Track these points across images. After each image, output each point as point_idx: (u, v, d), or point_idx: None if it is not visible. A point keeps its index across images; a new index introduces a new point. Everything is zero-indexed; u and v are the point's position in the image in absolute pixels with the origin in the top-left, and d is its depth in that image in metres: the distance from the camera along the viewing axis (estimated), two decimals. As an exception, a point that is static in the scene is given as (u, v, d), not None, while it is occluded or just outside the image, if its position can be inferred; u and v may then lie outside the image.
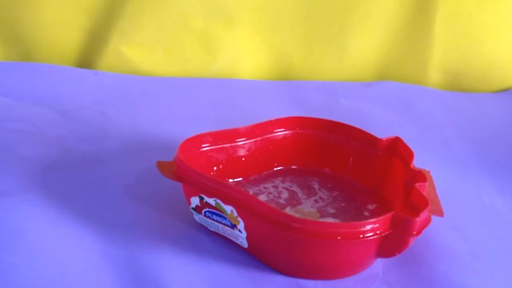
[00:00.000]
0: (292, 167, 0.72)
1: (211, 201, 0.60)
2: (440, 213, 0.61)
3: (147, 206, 0.66)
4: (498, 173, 0.77)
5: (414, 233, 0.56)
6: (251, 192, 0.67)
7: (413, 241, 0.57)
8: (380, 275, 0.60)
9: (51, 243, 0.60)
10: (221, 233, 0.61)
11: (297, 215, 0.64)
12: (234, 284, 0.58)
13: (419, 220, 0.56)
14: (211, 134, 0.67)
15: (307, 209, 0.66)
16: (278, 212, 0.57)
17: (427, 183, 0.62)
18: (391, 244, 0.57)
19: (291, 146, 0.71)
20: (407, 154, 0.65)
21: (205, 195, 0.60)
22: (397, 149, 0.67)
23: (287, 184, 0.69)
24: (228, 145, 0.68)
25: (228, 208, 0.59)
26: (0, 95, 0.83)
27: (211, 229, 0.62)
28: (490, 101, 0.95)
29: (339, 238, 0.56)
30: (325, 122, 0.71)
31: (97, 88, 0.88)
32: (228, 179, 0.68)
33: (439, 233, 0.64)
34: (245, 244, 0.60)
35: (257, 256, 0.60)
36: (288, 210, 0.65)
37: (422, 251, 0.62)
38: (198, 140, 0.67)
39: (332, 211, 0.66)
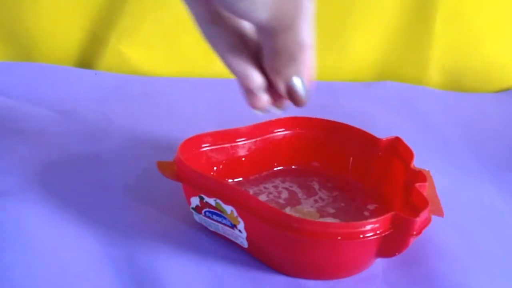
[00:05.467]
0: (292, 167, 0.72)
1: (211, 201, 0.60)
2: (440, 213, 0.62)
3: (147, 206, 0.66)
4: (498, 173, 0.77)
5: (414, 233, 0.56)
6: (251, 192, 0.67)
7: (413, 241, 0.57)
8: (380, 275, 0.60)
9: (51, 243, 0.60)
10: (221, 233, 0.61)
11: (296, 215, 0.64)
12: (234, 284, 0.58)
13: (419, 220, 0.56)
14: (211, 134, 0.67)
15: (306, 209, 0.66)
16: (278, 212, 0.57)
17: (427, 183, 0.62)
18: (391, 244, 0.57)
19: (291, 146, 0.71)
20: (407, 154, 0.65)
21: (205, 195, 0.60)
22: (397, 149, 0.67)
23: (287, 184, 0.69)
24: (228, 145, 0.68)
25: (228, 208, 0.59)
26: (0, 95, 0.83)
27: (211, 229, 0.62)
28: (490, 101, 0.95)
29: (339, 238, 0.56)
30: (325, 122, 0.71)
31: (97, 88, 0.88)
32: (228, 179, 0.68)
33: (439, 233, 0.64)
34: (245, 244, 0.60)
35: (257, 256, 0.60)
36: (288, 210, 0.65)
37: (422, 251, 0.63)
38: (198, 140, 0.67)
39: (332, 211, 0.66)
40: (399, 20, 0.94)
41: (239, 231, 0.59)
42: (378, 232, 0.56)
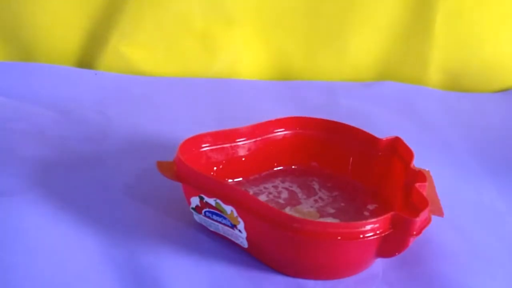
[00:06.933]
0: (292, 167, 0.72)
1: (211, 201, 0.60)
2: (440, 213, 0.62)
3: (147, 206, 0.66)
4: (498, 173, 0.77)
5: (414, 233, 0.56)
6: (251, 192, 0.67)
7: (413, 241, 0.57)
8: (380, 275, 0.60)
9: (51, 243, 0.60)
10: (221, 233, 0.61)
11: (296, 215, 0.64)
12: (234, 284, 0.58)
13: (419, 220, 0.56)
14: (211, 134, 0.67)
15: (306, 209, 0.66)
16: (278, 212, 0.57)
17: (427, 183, 0.62)
18: (391, 244, 0.57)
19: (291, 146, 0.71)
20: (407, 154, 0.65)
21: (205, 195, 0.60)
22: (397, 149, 0.67)
23: (287, 184, 0.69)
24: (228, 145, 0.68)
25: (228, 208, 0.59)
26: (0, 95, 0.83)
27: (211, 229, 0.62)
28: (490, 101, 0.95)
29: (339, 238, 0.56)
30: (325, 122, 0.71)
31: (97, 88, 0.88)
32: (228, 179, 0.68)
33: (439, 233, 0.64)
34: (245, 244, 0.60)
35: (257, 256, 0.60)
36: (288, 210, 0.65)
37: (422, 251, 0.63)
38: (198, 140, 0.67)
39: (332, 211, 0.66)
40: (399, 20, 0.94)
41: (239, 231, 0.59)
42: (378, 232, 0.56)
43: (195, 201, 0.61)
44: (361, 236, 0.56)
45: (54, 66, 0.90)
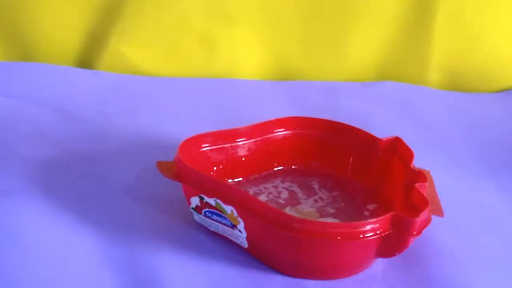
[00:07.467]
0: (292, 167, 0.72)
1: (211, 201, 0.60)
2: (440, 213, 0.62)
3: (147, 206, 0.66)
4: (498, 173, 0.77)
5: (414, 233, 0.56)
6: (251, 192, 0.67)
7: (413, 241, 0.57)
8: (380, 275, 0.60)
9: (51, 243, 0.60)
10: (221, 233, 0.61)
11: (296, 215, 0.64)
12: (234, 284, 0.58)
13: (419, 220, 0.56)
14: (211, 134, 0.67)
15: (306, 209, 0.66)
16: (278, 212, 0.57)
17: (427, 183, 0.62)
18: (391, 244, 0.57)
19: (291, 146, 0.71)
20: (407, 154, 0.65)
21: (205, 195, 0.60)
22: (397, 149, 0.67)
23: (287, 184, 0.69)
24: (228, 145, 0.68)
25: (228, 208, 0.59)
26: (0, 95, 0.83)
27: (211, 229, 0.62)
28: (490, 101, 0.95)
29: (339, 238, 0.56)
30: (325, 122, 0.71)
31: (97, 88, 0.88)
32: (228, 179, 0.68)
33: (439, 233, 0.64)
34: (245, 244, 0.60)
35: (257, 256, 0.60)
36: (288, 210, 0.65)
37: (422, 251, 0.63)
38: (198, 140, 0.67)
39: (332, 211, 0.66)
40: (399, 20, 0.94)
41: (239, 231, 0.59)
42: (378, 232, 0.56)
43: (195, 201, 0.61)
44: (361, 236, 0.56)
45: (54, 66, 0.90)
